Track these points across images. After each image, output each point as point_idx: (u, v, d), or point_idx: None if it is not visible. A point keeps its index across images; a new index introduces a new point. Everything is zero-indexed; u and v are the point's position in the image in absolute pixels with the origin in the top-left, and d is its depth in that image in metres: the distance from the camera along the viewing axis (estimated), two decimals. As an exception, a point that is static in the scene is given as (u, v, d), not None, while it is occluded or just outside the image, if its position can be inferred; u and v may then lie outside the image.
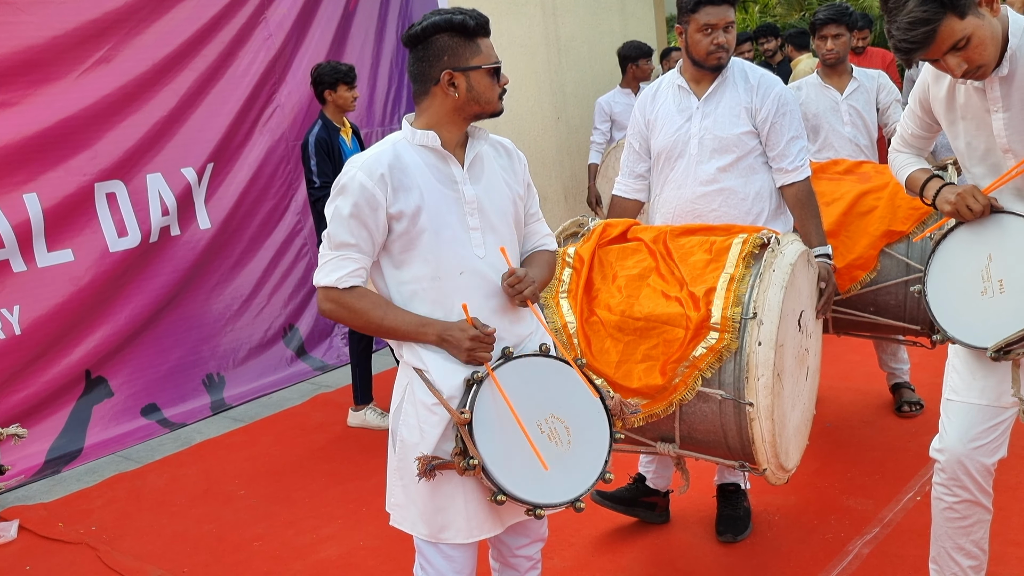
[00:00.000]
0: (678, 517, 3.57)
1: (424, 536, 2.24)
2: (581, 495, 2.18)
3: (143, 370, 5.25)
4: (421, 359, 2.19)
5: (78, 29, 4.86)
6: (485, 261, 2.22)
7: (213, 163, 5.51)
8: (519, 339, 2.28)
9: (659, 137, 3.31)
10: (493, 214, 2.25)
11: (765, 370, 2.61)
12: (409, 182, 2.16)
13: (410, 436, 2.21)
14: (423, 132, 2.19)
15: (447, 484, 2.18)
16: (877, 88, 4.42)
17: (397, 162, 2.16)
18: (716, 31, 3.12)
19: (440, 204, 2.18)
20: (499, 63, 2.23)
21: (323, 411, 5.27)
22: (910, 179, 2.66)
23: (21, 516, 4.13)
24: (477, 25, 2.17)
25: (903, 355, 4.43)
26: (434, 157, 2.21)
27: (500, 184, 2.29)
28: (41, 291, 4.77)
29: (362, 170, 2.13)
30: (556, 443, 2.20)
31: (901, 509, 3.48)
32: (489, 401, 2.14)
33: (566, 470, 2.19)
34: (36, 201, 4.71)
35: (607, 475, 2.23)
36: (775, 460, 2.72)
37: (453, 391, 2.16)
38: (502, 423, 2.13)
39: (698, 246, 2.86)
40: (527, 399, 2.18)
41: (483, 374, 2.15)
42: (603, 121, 7.18)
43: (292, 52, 5.91)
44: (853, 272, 3.73)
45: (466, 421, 2.09)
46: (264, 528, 3.87)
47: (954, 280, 2.46)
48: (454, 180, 2.21)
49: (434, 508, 2.20)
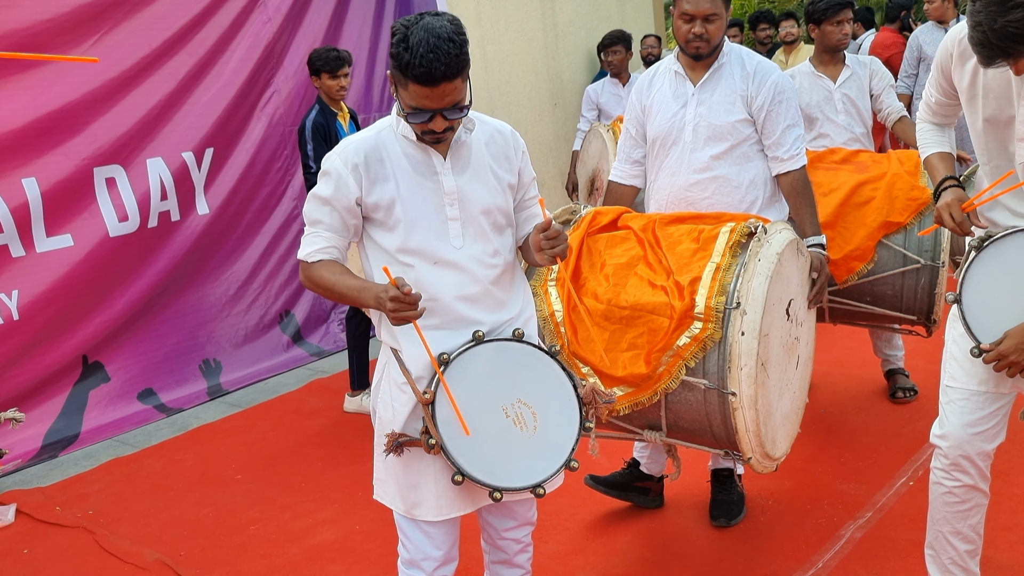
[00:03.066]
0: (672, 502, 3.59)
1: (400, 510, 2.32)
2: (543, 481, 2.21)
3: (140, 355, 5.25)
4: (395, 339, 2.25)
5: (75, 11, 4.82)
6: (462, 251, 2.24)
7: (212, 148, 5.50)
8: (497, 325, 2.30)
9: (654, 123, 3.30)
10: (474, 205, 2.25)
11: (748, 360, 2.62)
12: (386, 172, 2.19)
13: (385, 413, 2.30)
14: (405, 123, 2.19)
15: (419, 462, 2.25)
16: (870, 75, 4.39)
17: (376, 152, 2.19)
18: (695, 20, 3.10)
19: (416, 194, 2.20)
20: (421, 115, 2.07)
21: (319, 396, 5.28)
22: (927, 163, 2.65)
23: (18, 500, 4.15)
24: (411, 74, 2.00)
25: (898, 342, 4.44)
26: (414, 147, 2.21)
27: (486, 175, 2.28)
28: (40, 276, 4.76)
29: (340, 157, 2.20)
30: (521, 428, 2.23)
31: (894, 494, 3.51)
32: (455, 382, 2.17)
33: (530, 455, 2.22)
34: (35, 185, 4.70)
35: (573, 463, 2.25)
36: (760, 449, 2.74)
37: (422, 371, 2.22)
38: (468, 404, 2.17)
39: (686, 235, 2.87)
40: (493, 383, 2.21)
41: (450, 356, 2.18)
42: (590, 109, 7.19)
43: (290, 37, 5.89)
44: (850, 263, 3.73)
45: (428, 401, 2.17)
46: (260, 512, 3.89)
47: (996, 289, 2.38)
48: (434, 171, 2.22)
49: (407, 485, 2.27)
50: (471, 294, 2.25)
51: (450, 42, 2.00)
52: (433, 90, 2.02)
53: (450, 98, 2.06)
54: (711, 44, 3.13)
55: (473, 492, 2.26)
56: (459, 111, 2.11)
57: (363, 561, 3.44)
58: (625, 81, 7.10)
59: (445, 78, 2.01)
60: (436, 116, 2.08)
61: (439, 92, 2.03)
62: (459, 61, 2.02)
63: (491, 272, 2.28)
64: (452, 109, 2.09)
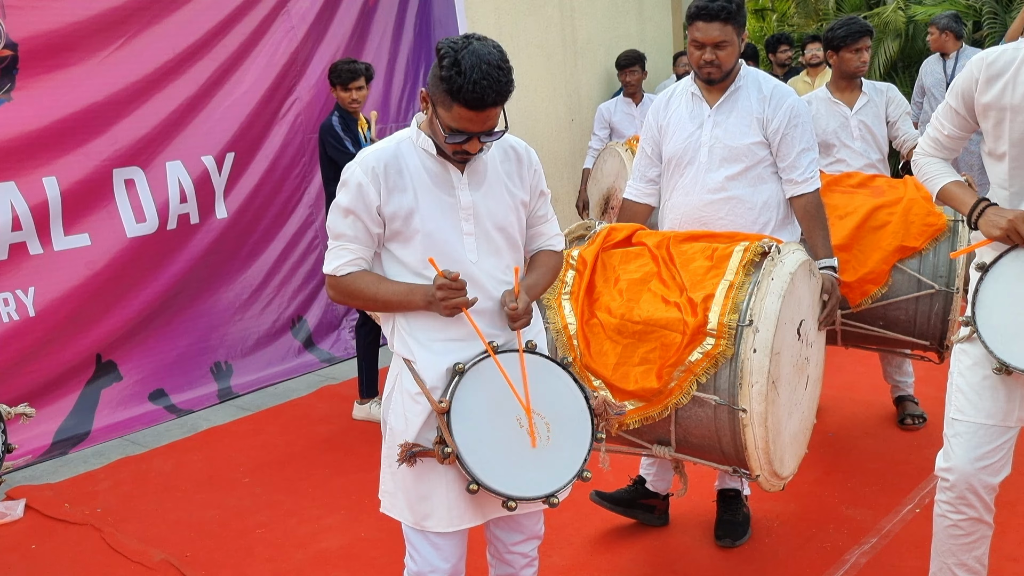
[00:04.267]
0: (677, 520, 3.60)
1: (409, 523, 2.32)
2: (556, 491, 2.23)
3: (152, 356, 5.29)
4: (409, 349, 2.27)
5: (102, 15, 4.90)
6: (477, 266, 2.27)
7: (234, 153, 5.56)
8: (510, 339, 2.32)
9: (670, 143, 3.33)
10: (489, 221, 2.28)
11: (759, 377, 2.64)
12: (404, 183, 2.21)
13: (397, 424, 2.30)
14: (426, 137, 2.23)
15: (431, 473, 2.25)
16: (886, 102, 4.40)
17: (395, 162, 2.22)
18: (705, 48, 3.13)
19: (434, 208, 2.22)
20: (460, 136, 2.12)
21: (329, 403, 5.31)
22: (945, 192, 2.61)
23: (28, 495, 4.18)
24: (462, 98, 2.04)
25: (908, 368, 4.44)
26: (433, 161, 2.24)
27: (501, 191, 2.31)
28: (56, 274, 4.81)
29: (360, 166, 2.21)
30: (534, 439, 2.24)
31: (900, 521, 3.50)
32: (470, 392, 2.20)
33: (543, 466, 2.24)
34: (55, 184, 4.76)
35: (585, 473, 2.27)
36: (768, 467, 2.75)
37: (436, 381, 2.24)
38: (480, 415, 2.19)
39: (700, 253, 2.90)
40: (509, 393, 2.23)
41: (466, 365, 2.21)
42: (602, 128, 7.20)
43: (314, 46, 5.95)
44: (864, 286, 3.74)
45: (444, 410, 2.17)
46: (267, 516, 3.91)
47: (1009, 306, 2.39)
48: (452, 185, 2.25)
49: (418, 496, 2.27)
50: (484, 308, 2.27)
51: (499, 69, 2.05)
52: (478, 115, 2.07)
53: (491, 123, 2.12)
54: (723, 70, 3.16)
55: (484, 504, 2.27)
56: (493, 135, 2.16)
57: (368, 568, 3.45)
58: (638, 101, 7.12)
59: (494, 104, 2.07)
60: (473, 139, 2.13)
61: (483, 117, 2.08)
62: (508, 88, 2.08)
63: (503, 287, 2.31)
64: (488, 133, 2.14)
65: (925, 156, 2.70)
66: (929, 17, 7.98)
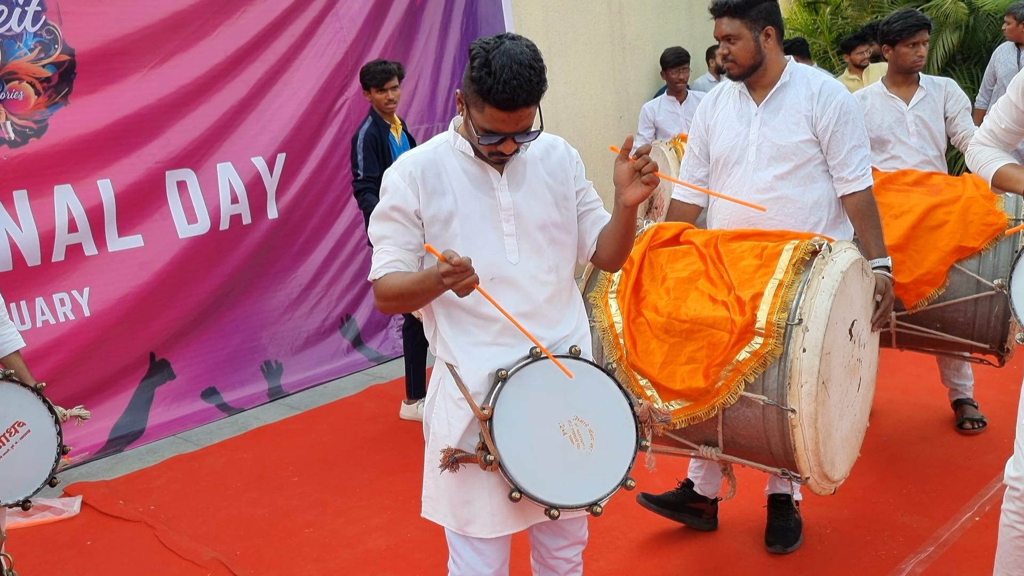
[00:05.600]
0: (726, 525, 3.54)
1: (452, 527, 2.31)
2: (600, 499, 2.19)
3: (204, 354, 5.38)
4: (451, 354, 2.25)
5: (156, 21, 5.00)
6: (518, 268, 2.24)
7: (285, 154, 5.62)
8: (553, 342, 2.29)
9: (718, 143, 3.28)
10: (530, 221, 2.25)
11: (809, 377, 2.58)
12: (443, 186, 2.20)
13: (440, 429, 2.29)
14: (463, 140, 2.22)
15: (473, 478, 2.23)
16: (945, 96, 4.26)
17: (433, 166, 2.20)
18: (721, 43, 3.15)
19: (474, 210, 2.20)
20: (493, 137, 2.10)
21: (377, 402, 5.34)
22: (1001, 174, 2.56)
23: (84, 492, 4.27)
24: (493, 98, 2.03)
25: (967, 371, 4.31)
26: (471, 162, 2.23)
27: (542, 190, 2.28)
28: (111, 275, 4.92)
29: (397, 170, 2.21)
30: (578, 445, 2.21)
31: (959, 529, 3.40)
32: (512, 398, 2.17)
33: (587, 473, 2.21)
34: (109, 187, 4.87)
35: (629, 481, 2.23)
36: (819, 469, 2.69)
37: (479, 387, 2.21)
38: (525, 421, 2.17)
39: (749, 251, 2.85)
40: (550, 399, 2.21)
41: (508, 371, 2.19)
42: (646, 127, 7.12)
43: (365, 47, 5.99)
44: (920, 288, 3.63)
45: (487, 417, 2.15)
46: (315, 515, 3.95)
47: None
48: (491, 186, 2.23)
49: (461, 501, 2.26)
50: (527, 311, 2.24)
51: (531, 69, 2.02)
52: (511, 115, 2.05)
53: (524, 123, 2.09)
54: (738, 64, 3.14)
55: (526, 509, 2.26)
56: (528, 135, 2.13)
57: (413, 570, 3.46)
58: (682, 99, 7.02)
59: (525, 104, 2.04)
60: (507, 139, 2.11)
61: (516, 117, 2.06)
62: (540, 88, 2.05)
63: (545, 289, 2.28)
64: (522, 133, 2.11)
65: (979, 145, 2.69)
66: (996, 7, 7.72)
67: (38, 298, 4.69)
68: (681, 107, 6.97)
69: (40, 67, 4.63)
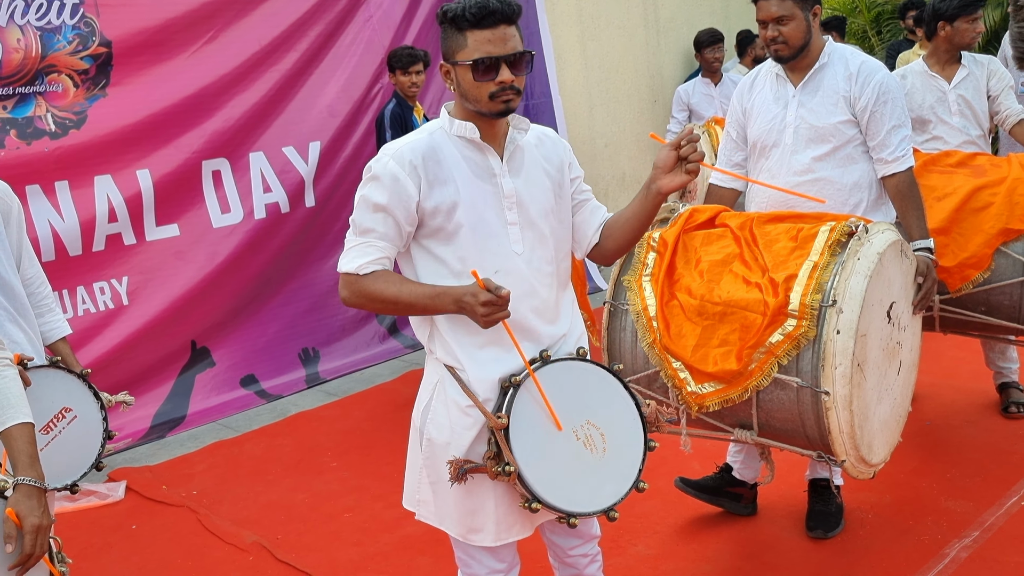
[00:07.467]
0: (766, 510, 3.51)
1: (455, 535, 2.24)
2: (615, 504, 2.15)
3: (243, 342, 5.43)
4: (456, 357, 2.15)
5: (191, 11, 5.04)
6: (522, 258, 2.15)
7: (320, 142, 5.65)
8: (554, 340, 2.22)
9: (755, 126, 3.24)
10: (532, 208, 2.17)
11: (843, 359, 2.55)
12: (444, 175, 2.09)
13: (439, 436, 2.19)
14: (461, 123, 2.11)
15: (478, 487, 2.15)
16: (987, 75, 4.15)
17: (432, 153, 2.09)
18: (768, 25, 3.08)
19: (477, 198, 2.11)
20: (486, 57, 2.01)
21: (413, 388, 5.24)
22: None
23: (128, 477, 4.35)
24: (468, 15, 1.98)
25: (1012, 354, 4.23)
26: (471, 148, 2.13)
27: (541, 176, 2.20)
28: (149, 263, 4.99)
29: (394, 159, 2.07)
30: (592, 450, 2.16)
31: (1004, 513, 3.35)
32: (526, 406, 2.09)
33: (601, 478, 2.16)
34: (148, 177, 4.92)
35: (641, 484, 2.19)
36: (855, 452, 2.66)
37: (488, 393, 2.12)
38: (538, 429, 2.10)
39: (784, 233, 2.82)
40: (564, 404, 2.13)
41: (521, 378, 2.10)
42: (680, 110, 7.05)
43: (400, 34, 5.98)
44: (965, 271, 3.56)
45: (503, 426, 2.05)
46: (354, 500, 3.98)
47: None
48: (492, 173, 2.14)
49: (466, 511, 2.18)
50: (534, 306, 2.17)
51: None
52: (494, 31, 2.01)
53: (511, 44, 2.03)
54: (790, 46, 3.09)
55: (531, 514, 2.18)
56: (522, 66, 2.06)
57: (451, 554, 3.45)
58: (717, 81, 6.94)
59: (504, 18, 2.00)
60: (502, 66, 2.03)
61: (499, 35, 2.01)
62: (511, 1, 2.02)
63: (548, 281, 2.21)
64: (516, 63, 2.04)
65: None
66: None
67: (79, 287, 4.76)
68: (716, 89, 6.89)
69: (78, 59, 4.69)
